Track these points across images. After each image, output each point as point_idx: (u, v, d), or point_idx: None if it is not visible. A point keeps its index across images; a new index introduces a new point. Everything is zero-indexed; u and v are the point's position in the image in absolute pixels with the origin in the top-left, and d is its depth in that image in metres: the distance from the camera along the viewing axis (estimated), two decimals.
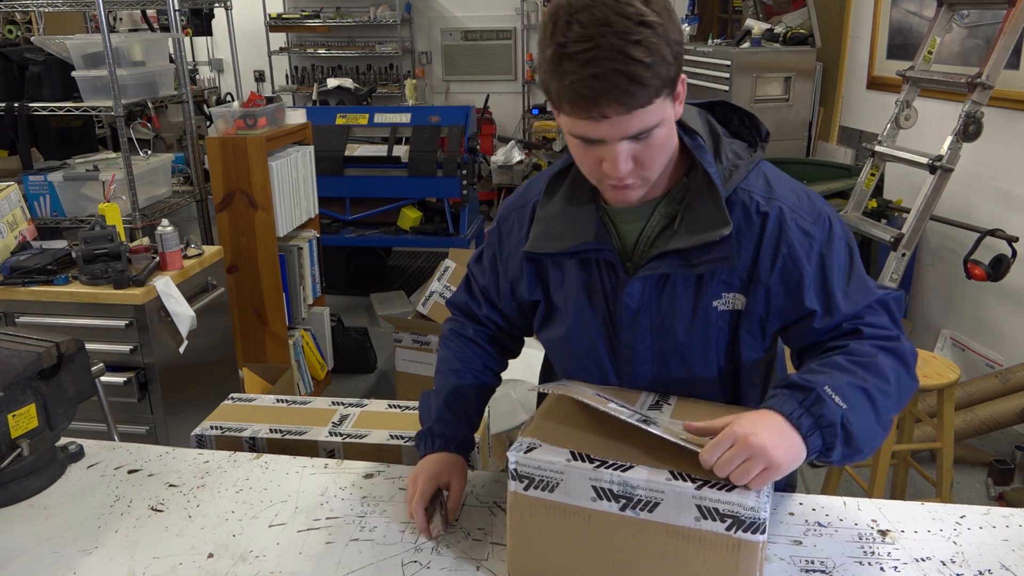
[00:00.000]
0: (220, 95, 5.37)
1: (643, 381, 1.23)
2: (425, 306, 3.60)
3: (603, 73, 0.96)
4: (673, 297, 1.17)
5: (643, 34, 0.96)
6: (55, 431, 1.41)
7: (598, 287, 1.21)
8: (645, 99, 0.99)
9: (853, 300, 1.14)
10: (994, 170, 3.47)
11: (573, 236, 1.18)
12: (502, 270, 1.33)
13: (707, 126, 1.18)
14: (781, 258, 1.13)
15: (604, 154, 1.05)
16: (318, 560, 1.17)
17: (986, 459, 3.12)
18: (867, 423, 1.04)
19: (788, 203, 1.14)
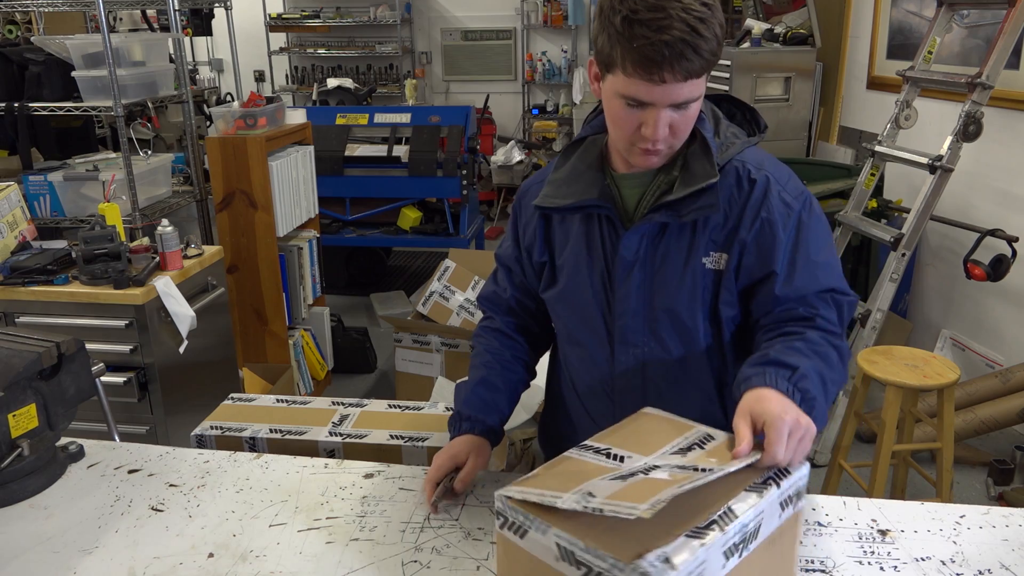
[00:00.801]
0: (220, 95, 5.37)
1: (635, 336, 1.30)
2: (425, 306, 3.60)
3: (673, 40, 1.07)
4: (666, 252, 1.26)
5: (704, 14, 1.09)
6: (55, 431, 1.41)
7: (597, 242, 1.29)
8: (700, 69, 1.11)
9: (815, 277, 1.22)
10: (994, 170, 3.47)
11: (578, 194, 1.28)
12: (522, 240, 1.41)
13: (708, 109, 1.29)
14: (759, 221, 1.23)
15: (646, 118, 1.15)
16: (318, 560, 1.17)
17: (986, 459, 3.12)
18: (825, 403, 1.14)
19: (775, 176, 1.25)
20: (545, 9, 7.01)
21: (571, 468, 1.02)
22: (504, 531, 0.98)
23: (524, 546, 0.96)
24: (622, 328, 1.30)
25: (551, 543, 0.92)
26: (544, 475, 1.01)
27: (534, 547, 0.95)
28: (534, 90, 7.38)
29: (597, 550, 0.88)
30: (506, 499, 0.96)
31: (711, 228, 1.24)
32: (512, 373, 1.44)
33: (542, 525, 0.93)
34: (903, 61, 3.79)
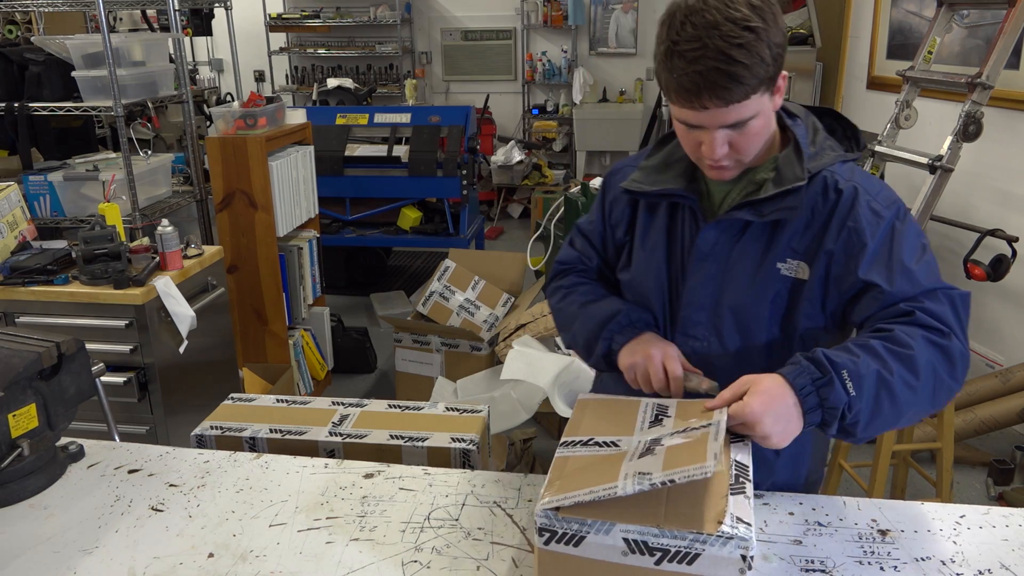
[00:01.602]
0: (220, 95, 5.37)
1: (696, 329, 1.31)
2: (425, 306, 3.60)
3: (706, 71, 1.10)
4: (742, 251, 1.26)
5: (746, 38, 1.09)
6: (55, 431, 1.41)
7: (678, 232, 1.32)
8: (742, 95, 1.12)
9: (916, 280, 1.17)
10: (994, 170, 3.47)
11: (667, 182, 1.32)
12: (608, 216, 1.44)
13: (809, 120, 1.30)
14: (846, 230, 1.20)
15: (703, 138, 1.18)
16: (318, 560, 1.17)
17: (986, 459, 3.12)
18: (877, 413, 1.09)
19: (865, 186, 1.23)
20: (545, 9, 7.01)
21: (581, 464, 1.04)
22: (553, 546, 0.96)
23: (579, 553, 0.96)
24: (685, 319, 1.31)
25: (616, 540, 0.94)
26: (565, 480, 1.01)
27: (594, 551, 0.95)
28: (534, 90, 7.38)
29: (674, 531, 0.92)
30: (553, 512, 0.95)
31: (791, 234, 1.23)
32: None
33: (604, 525, 0.94)
34: (903, 61, 3.79)
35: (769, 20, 1.12)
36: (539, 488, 1.29)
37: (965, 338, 1.16)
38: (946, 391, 1.14)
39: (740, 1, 1.11)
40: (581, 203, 4.00)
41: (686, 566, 0.93)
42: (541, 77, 7.24)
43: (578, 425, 1.14)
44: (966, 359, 1.15)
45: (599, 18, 7.06)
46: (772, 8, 1.13)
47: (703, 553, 0.92)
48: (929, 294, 1.17)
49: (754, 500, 1.00)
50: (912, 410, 1.12)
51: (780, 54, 1.14)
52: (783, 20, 1.15)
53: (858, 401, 1.08)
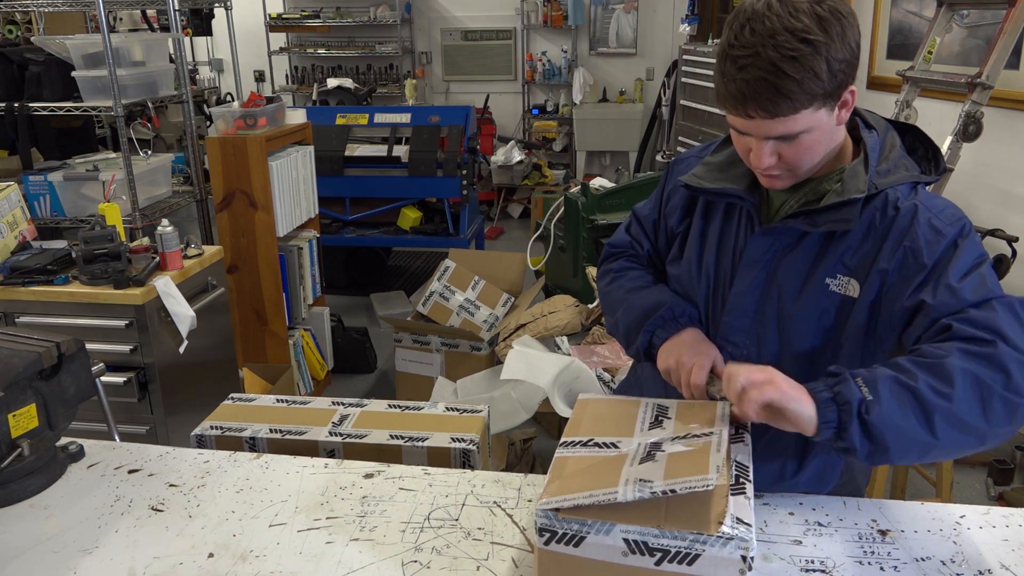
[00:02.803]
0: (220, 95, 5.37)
1: (737, 336, 1.28)
2: (425, 306, 3.60)
3: (753, 80, 1.06)
4: (792, 260, 1.22)
5: (801, 51, 1.05)
6: (55, 431, 1.41)
7: (732, 233, 1.29)
8: (790, 109, 1.08)
9: (960, 295, 1.09)
10: (994, 170, 3.47)
11: (727, 181, 1.28)
12: (664, 205, 1.42)
13: (888, 135, 1.24)
14: (903, 250, 1.14)
15: (751, 145, 1.15)
16: (318, 560, 1.17)
17: (986, 459, 3.12)
18: (900, 421, 1.02)
19: (927, 204, 1.17)
20: (545, 9, 7.01)
21: (581, 466, 1.04)
22: (553, 546, 0.96)
23: (580, 554, 0.96)
24: (727, 324, 1.29)
25: (617, 540, 0.94)
26: (564, 481, 1.01)
27: (594, 551, 0.95)
28: (534, 90, 7.38)
29: (675, 531, 0.92)
30: (553, 512, 0.96)
31: (844, 249, 1.18)
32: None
33: (604, 526, 0.94)
34: (903, 61, 3.79)
35: (834, 33, 1.06)
36: (539, 488, 1.29)
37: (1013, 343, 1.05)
38: (1004, 403, 1.02)
39: (806, 10, 1.05)
40: (581, 203, 4.00)
41: (686, 567, 0.93)
42: (541, 77, 7.25)
43: (578, 425, 1.14)
44: (1011, 359, 1.03)
45: (599, 18, 7.06)
46: (842, 21, 1.07)
47: (703, 554, 0.92)
48: (976, 306, 1.08)
49: (754, 500, 1.00)
50: (947, 421, 1.01)
51: (843, 70, 1.08)
52: (855, 33, 1.09)
53: (876, 404, 1.02)
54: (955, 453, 1.07)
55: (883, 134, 1.23)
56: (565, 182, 6.69)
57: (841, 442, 1.05)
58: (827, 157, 1.20)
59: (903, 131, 1.28)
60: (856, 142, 1.24)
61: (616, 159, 7.11)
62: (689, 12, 6.29)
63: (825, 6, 1.07)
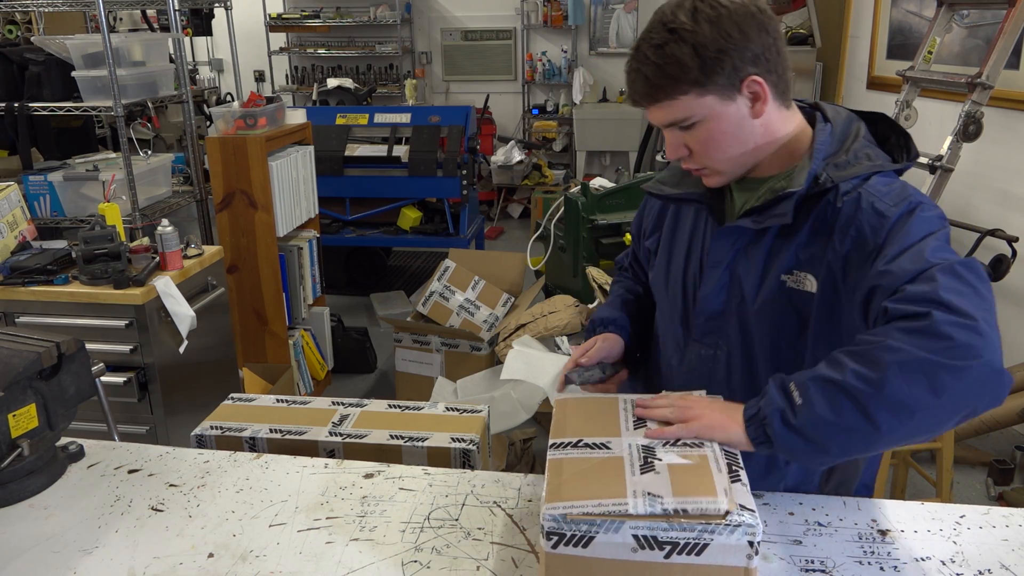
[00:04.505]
0: (220, 95, 5.37)
1: (708, 338, 1.31)
2: (425, 306, 3.60)
3: (630, 71, 1.17)
4: (749, 259, 1.24)
5: (664, 39, 1.12)
6: (55, 431, 1.41)
7: (699, 240, 1.31)
8: (662, 95, 1.14)
9: (895, 275, 1.04)
10: (994, 170, 3.47)
11: (688, 186, 1.32)
12: (645, 219, 1.48)
13: (851, 127, 1.22)
14: (849, 238, 1.13)
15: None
16: (318, 560, 1.17)
17: (986, 459, 3.12)
18: (831, 417, 1.00)
19: (871, 189, 1.14)
20: (545, 9, 7.01)
21: (579, 468, 1.04)
22: (561, 548, 0.96)
23: (589, 554, 0.96)
24: (698, 326, 1.31)
25: (626, 537, 0.94)
26: (566, 485, 1.00)
27: (604, 550, 0.95)
28: (534, 90, 7.38)
29: (683, 523, 0.93)
30: (562, 516, 0.95)
31: (797, 245, 1.18)
32: (647, 301, 1.50)
33: (613, 524, 0.94)
34: (903, 61, 3.79)
35: (703, 21, 1.10)
36: (539, 488, 1.29)
37: (968, 303, 0.98)
38: (949, 372, 0.95)
39: (687, 7, 1.12)
40: (581, 203, 4.00)
41: (695, 557, 0.93)
42: (541, 77, 7.25)
43: (563, 426, 1.13)
44: (963, 325, 0.96)
45: (599, 18, 7.06)
46: (719, 11, 1.10)
47: (712, 543, 0.93)
48: (913, 279, 1.02)
49: (754, 501, 1.00)
50: (892, 409, 0.97)
51: (717, 58, 1.10)
52: (740, 24, 1.11)
53: (804, 407, 1.01)
54: (913, 436, 1.01)
55: (843, 126, 1.22)
56: (565, 182, 6.69)
57: (779, 453, 1.07)
58: (784, 152, 1.21)
59: (873, 121, 1.26)
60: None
61: (616, 159, 7.11)
62: None
63: (708, 2, 1.12)
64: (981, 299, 1.00)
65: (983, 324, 0.97)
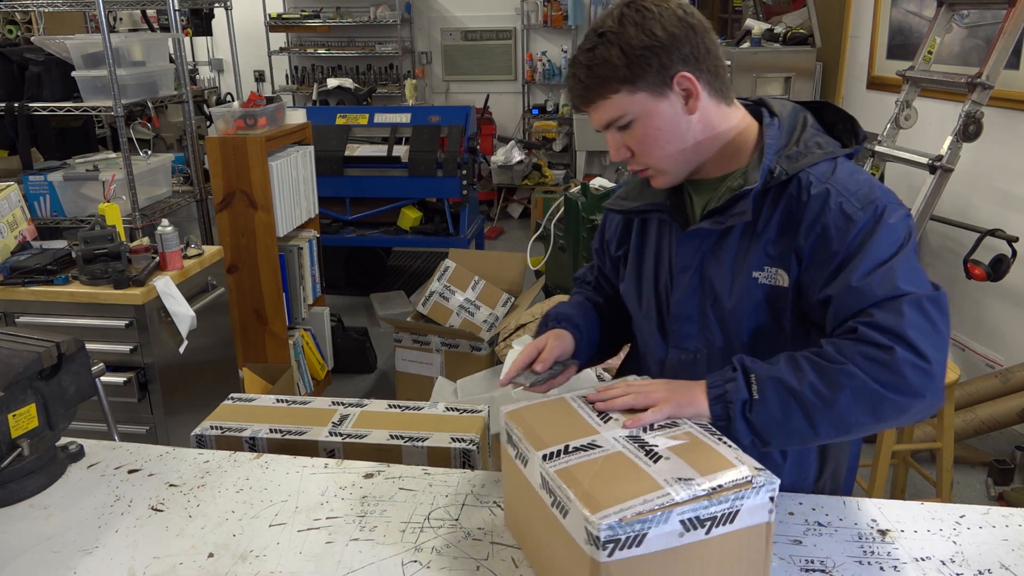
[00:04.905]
0: (220, 95, 5.37)
1: (687, 341, 1.31)
2: (425, 306, 3.60)
3: (568, 78, 1.23)
4: (718, 261, 1.25)
5: (594, 42, 1.18)
6: (55, 431, 1.41)
7: (665, 247, 1.33)
8: (595, 95, 1.19)
9: (869, 292, 1.10)
10: (994, 170, 3.47)
11: (646, 198, 1.34)
12: (607, 231, 1.48)
13: (797, 117, 1.26)
14: (814, 235, 1.16)
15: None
16: (318, 560, 1.17)
17: (986, 459, 3.12)
18: (780, 419, 1.10)
19: (839, 187, 1.16)
20: (545, 9, 7.01)
21: (594, 471, 1.02)
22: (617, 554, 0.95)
23: (643, 551, 0.95)
24: (674, 332, 1.32)
25: (674, 525, 0.95)
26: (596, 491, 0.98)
27: (655, 543, 0.96)
28: (534, 90, 7.38)
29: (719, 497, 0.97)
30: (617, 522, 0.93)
31: (766, 241, 1.20)
32: (598, 305, 1.49)
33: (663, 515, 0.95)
34: (903, 61, 3.79)
35: (628, 23, 1.15)
36: None
37: (929, 344, 1.07)
38: (892, 405, 1.07)
39: (615, 14, 1.17)
40: (581, 203, 4.00)
41: (730, 525, 0.98)
42: (541, 77, 7.25)
43: (538, 436, 1.10)
44: (920, 368, 1.06)
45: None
46: (643, 13, 1.15)
47: (742, 508, 0.98)
48: (882, 305, 1.09)
49: None
50: (834, 424, 1.09)
51: (644, 56, 1.15)
52: (664, 23, 1.15)
53: (760, 404, 1.10)
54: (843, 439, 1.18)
55: (790, 118, 1.25)
56: (565, 182, 6.69)
57: (727, 433, 1.12)
58: (731, 150, 1.23)
59: (817, 108, 1.29)
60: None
61: None
62: None
63: (634, 6, 1.17)
64: (939, 337, 1.09)
65: (936, 367, 1.07)
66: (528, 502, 1.10)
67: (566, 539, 0.99)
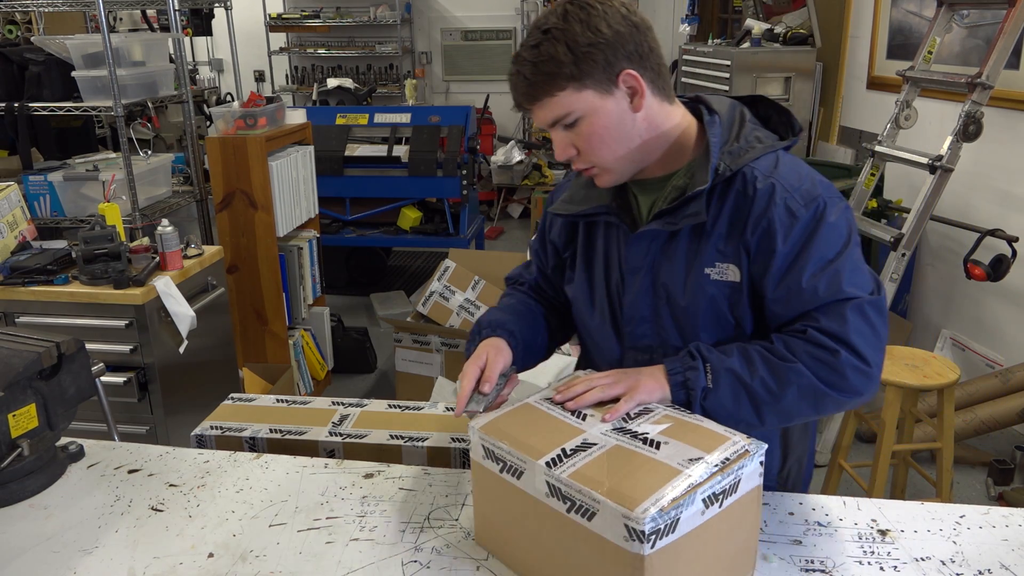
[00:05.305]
0: (220, 95, 5.37)
1: (643, 341, 1.31)
2: (425, 306, 3.60)
3: (511, 75, 1.20)
4: (670, 259, 1.25)
5: (539, 39, 1.16)
6: (55, 431, 1.41)
7: (613, 247, 1.32)
8: (542, 92, 1.17)
9: (814, 295, 1.17)
10: (994, 170, 3.47)
11: (591, 201, 1.32)
12: (548, 232, 1.45)
13: (735, 113, 1.27)
14: (760, 230, 1.19)
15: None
16: (318, 560, 1.17)
17: (986, 459, 3.12)
18: (730, 408, 1.17)
19: (784, 182, 1.19)
20: (545, 9, 7.01)
21: (606, 468, 1.02)
22: (658, 544, 0.95)
23: (677, 536, 0.97)
24: (630, 334, 1.32)
25: (698, 504, 0.98)
26: (622, 486, 0.98)
27: (685, 526, 0.98)
28: None
29: (728, 471, 1.01)
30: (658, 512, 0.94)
31: (716, 238, 1.21)
32: (531, 307, 1.46)
33: (690, 498, 0.97)
34: (903, 61, 3.79)
35: (574, 20, 1.14)
36: None
37: (869, 347, 1.15)
38: (833, 401, 1.17)
39: (558, 11, 1.17)
40: None
41: (736, 495, 1.02)
42: None
43: (530, 446, 1.07)
44: (861, 370, 1.15)
45: None
46: (588, 10, 1.15)
47: (743, 476, 1.03)
48: (828, 309, 1.16)
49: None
50: (773, 416, 1.17)
51: (590, 53, 1.14)
52: (609, 20, 1.15)
53: (713, 393, 1.16)
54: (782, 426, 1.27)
55: (728, 114, 1.26)
56: None
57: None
58: (674, 148, 1.24)
59: (752, 102, 1.31)
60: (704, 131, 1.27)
61: None
62: (689, 12, 6.29)
63: (578, 3, 1.16)
64: (879, 340, 1.17)
65: (875, 368, 1.17)
66: (522, 514, 1.07)
67: (593, 542, 0.98)
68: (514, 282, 1.55)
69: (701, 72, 5.12)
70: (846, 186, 3.88)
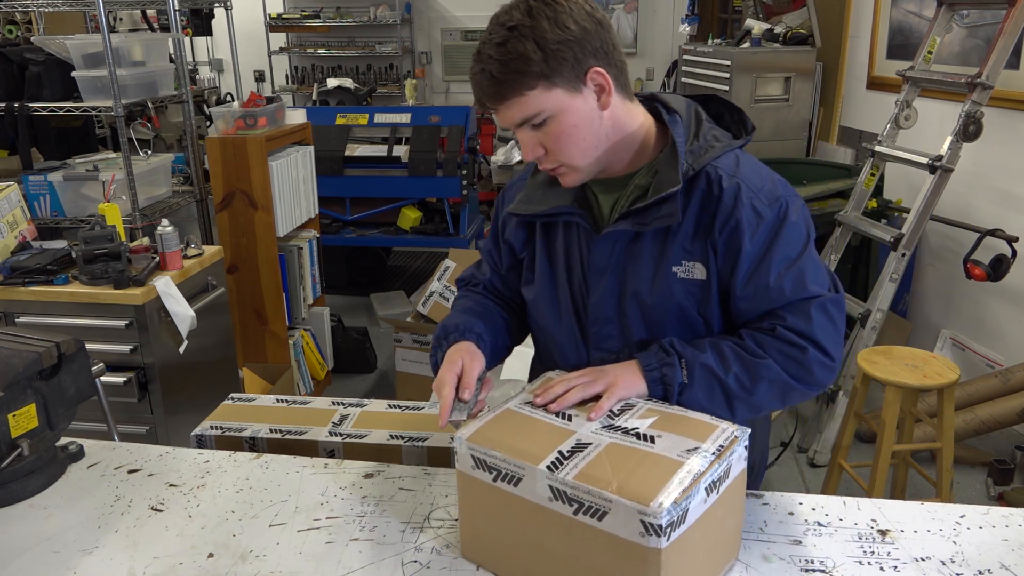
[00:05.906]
0: (220, 95, 5.36)
1: (608, 342, 1.30)
2: (425, 306, 3.60)
3: (475, 74, 1.16)
4: (638, 259, 1.25)
5: (505, 36, 1.13)
6: (55, 431, 1.41)
7: (575, 247, 1.30)
8: (511, 92, 1.14)
9: (780, 294, 1.20)
10: (994, 170, 3.47)
11: (551, 201, 1.30)
12: (501, 233, 1.42)
13: (691, 111, 1.27)
14: (727, 229, 1.20)
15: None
16: (318, 560, 1.17)
17: (986, 459, 3.12)
18: (704, 403, 1.19)
19: (748, 183, 1.21)
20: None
21: (609, 465, 1.02)
22: (673, 535, 0.96)
23: (687, 526, 0.99)
24: (595, 334, 1.30)
25: (701, 493, 1.00)
26: (631, 481, 0.98)
27: (692, 515, 1.00)
28: None
29: (723, 458, 1.04)
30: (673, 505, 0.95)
31: (683, 237, 1.22)
32: (489, 309, 1.42)
33: (695, 488, 0.98)
34: (903, 61, 3.79)
35: (541, 17, 1.12)
36: None
37: (832, 343, 1.21)
38: (799, 394, 1.23)
39: (522, 7, 1.14)
40: None
41: (727, 481, 1.05)
42: None
43: (526, 452, 1.06)
44: (826, 365, 1.21)
45: None
46: (554, 7, 1.13)
47: (733, 463, 1.06)
48: (792, 307, 1.20)
49: (750, 498, 1.14)
50: (745, 409, 1.21)
51: (560, 51, 1.12)
52: (576, 17, 1.13)
53: (688, 388, 1.18)
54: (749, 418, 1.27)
55: (687, 113, 1.25)
56: None
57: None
58: (635, 147, 1.23)
59: (705, 101, 1.31)
60: (663, 129, 1.26)
61: None
62: (689, 12, 6.29)
63: (541, 0, 1.14)
64: (839, 335, 1.23)
65: (837, 362, 1.22)
66: (521, 523, 1.06)
67: (604, 541, 0.98)
68: (467, 283, 1.52)
69: (701, 72, 5.12)
70: (846, 186, 3.89)
